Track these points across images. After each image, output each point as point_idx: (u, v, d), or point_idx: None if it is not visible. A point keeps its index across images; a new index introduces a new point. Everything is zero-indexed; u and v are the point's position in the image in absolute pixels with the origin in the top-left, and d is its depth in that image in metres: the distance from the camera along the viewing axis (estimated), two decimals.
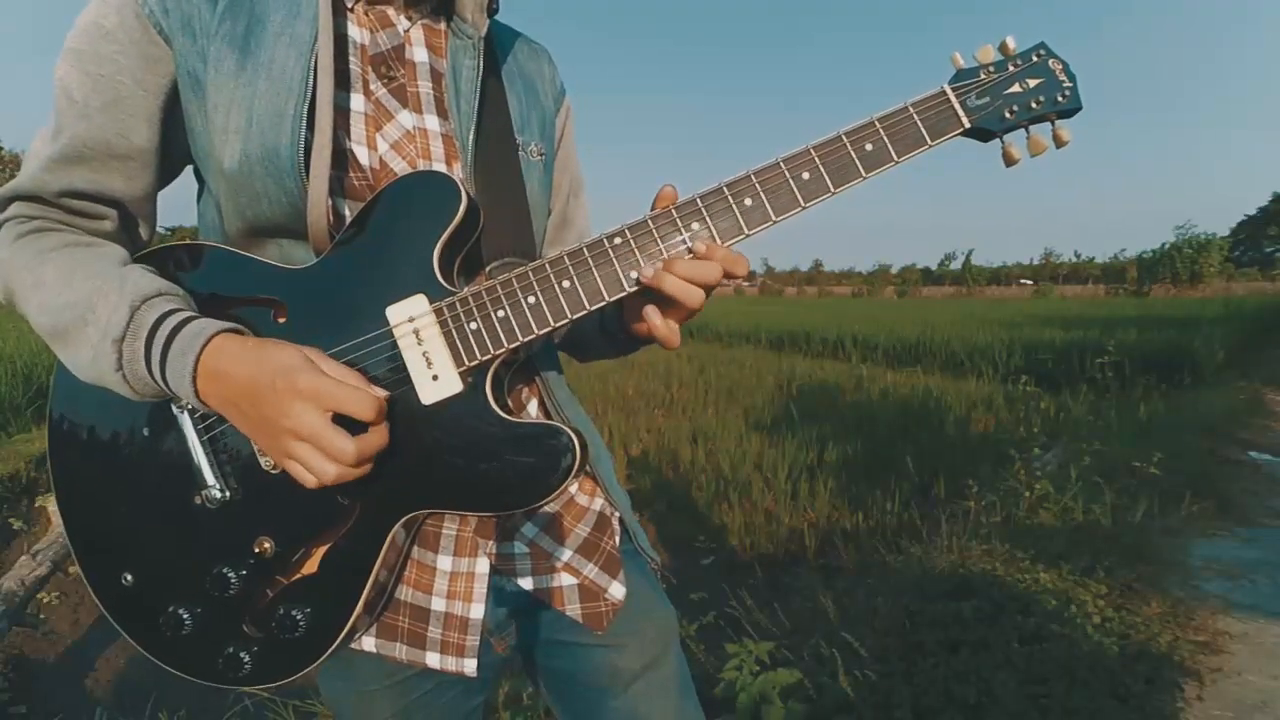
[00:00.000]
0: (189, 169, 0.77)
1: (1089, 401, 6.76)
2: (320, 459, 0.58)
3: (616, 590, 0.82)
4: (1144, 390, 6.92)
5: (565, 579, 0.80)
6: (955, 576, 2.71)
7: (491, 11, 0.76)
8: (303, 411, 0.57)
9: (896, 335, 12.39)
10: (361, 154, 0.71)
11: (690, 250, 0.65)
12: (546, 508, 0.79)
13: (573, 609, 0.80)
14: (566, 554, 0.80)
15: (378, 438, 0.61)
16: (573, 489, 0.83)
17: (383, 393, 0.62)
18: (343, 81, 0.70)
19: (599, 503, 0.85)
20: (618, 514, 0.86)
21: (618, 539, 0.85)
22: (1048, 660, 2.12)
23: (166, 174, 0.74)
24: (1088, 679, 2.04)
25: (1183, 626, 2.47)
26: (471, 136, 0.75)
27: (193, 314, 0.63)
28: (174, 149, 0.72)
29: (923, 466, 4.67)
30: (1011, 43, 0.68)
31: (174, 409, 0.67)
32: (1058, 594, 2.53)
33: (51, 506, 3.94)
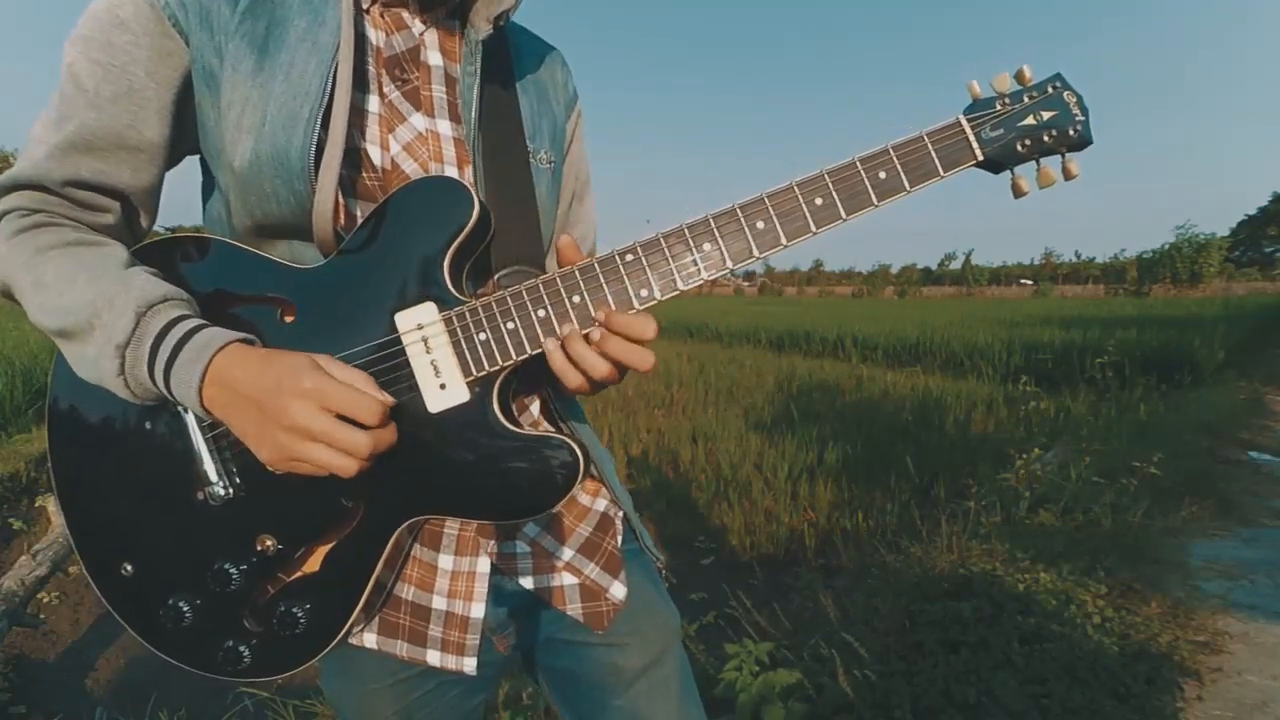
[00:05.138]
0: (196, 165, 0.76)
1: (1089, 401, 6.76)
2: (338, 456, 0.58)
3: (617, 590, 0.82)
4: (1144, 390, 6.91)
5: (566, 578, 0.80)
6: (955, 576, 2.71)
7: (498, 24, 0.76)
8: (302, 410, 0.57)
9: (896, 335, 12.38)
10: (374, 154, 0.71)
11: (600, 321, 0.65)
12: None
13: (573, 608, 0.80)
14: (568, 553, 0.80)
15: (389, 435, 0.62)
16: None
17: (389, 399, 0.62)
18: (359, 83, 0.70)
19: (602, 503, 0.85)
20: (621, 513, 0.86)
21: (620, 539, 0.85)
22: (1048, 660, 2.12)
23: (170, 164, 0.74)
24: (1088, 679, 2.04)
25: (1183, 626, 2.47)
26: (474, 141, 0.74)
27: (201, 322, 0.63)
28: (181, 143, 0.72)
29: (923, 466, 4.67)
30: (1028, 71, 0.68)
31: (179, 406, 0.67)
32: (1058, 594, 2.53)
33: (52, 506, 3.94)
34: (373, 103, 0.71)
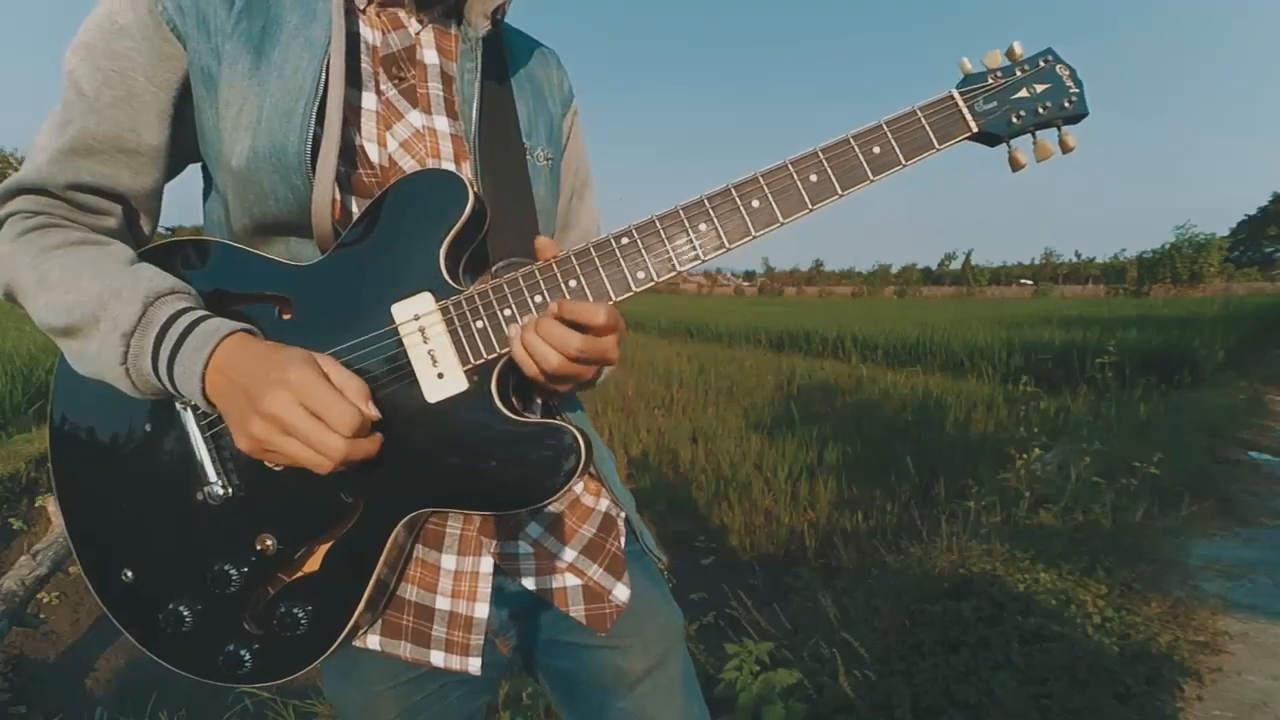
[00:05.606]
0: (196, 167, 0.77)
1: (1089, 401, 6.76)
2: (310, 453, 0.58)
3: (621, 592, 0.82)
4: (1144, 390, 6.91)
5: (569, 580, 0.80)
6: (955, 576, 2.71)
7: (496, 20, 0.76)
8: (278, 399, 0.57)
9: (896, 335, 12.37)
10: (372, 150, 0.71)
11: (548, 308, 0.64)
12: (551, 507, 0.79)
13: (576, 610, 0.80)
14: (571, 555, 0.80)
15: (367, 445, 0.60)
16: (578, 489, 0.83)
17: (372, 414, 0.61)
18: (354, 80, 0.70)
19: (605, 503, 0.85)
20: (624, 514, 0.86)
21: (623, 540, 0.85)
22: (1048, 660, 2.12)
23: (171, 171, 0.75)
24: (1088, 679, 2.04)
25: (1183, 626, 2.47)
26: (474, 138, 0.75)
27: (207, 313, 0.63)
28: (181, 146, 0.72)
29: (923, 466, 4.67)
30: (1019, 48, 0.69)
31: (177, 405, 0.67)
32: (1058, 594, 2.53)
33: (52, 506, 3.94)
34: (369, 100, 0.72)
